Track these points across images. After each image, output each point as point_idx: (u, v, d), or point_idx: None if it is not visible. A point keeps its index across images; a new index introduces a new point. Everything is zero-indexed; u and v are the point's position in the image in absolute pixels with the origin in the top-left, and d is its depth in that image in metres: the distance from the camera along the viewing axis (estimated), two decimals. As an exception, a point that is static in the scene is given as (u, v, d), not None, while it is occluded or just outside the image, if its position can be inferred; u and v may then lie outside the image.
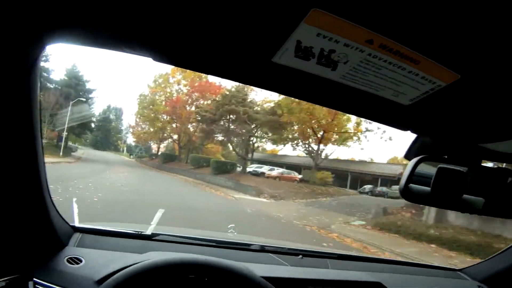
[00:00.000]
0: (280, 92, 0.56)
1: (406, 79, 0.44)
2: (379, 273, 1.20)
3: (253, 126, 18.66)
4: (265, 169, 18.46)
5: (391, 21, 0.35)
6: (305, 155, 18.93)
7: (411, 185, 0.68)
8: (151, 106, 26.31)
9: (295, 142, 18.40)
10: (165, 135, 29.22)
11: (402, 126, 0.65)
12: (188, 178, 16.97)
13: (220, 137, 21.20)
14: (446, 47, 0.39)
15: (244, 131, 18.80)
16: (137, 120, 29.92)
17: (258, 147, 22.18)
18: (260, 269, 0.89)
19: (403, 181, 0.68)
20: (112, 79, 60.08)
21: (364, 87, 0.47)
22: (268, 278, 0.82)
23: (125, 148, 47.33)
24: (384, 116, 0.62)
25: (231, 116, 18.94)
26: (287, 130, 17.87)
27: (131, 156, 38.43)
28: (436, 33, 0.37)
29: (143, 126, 29.67)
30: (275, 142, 20.44)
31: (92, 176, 10.48)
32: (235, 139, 20.27)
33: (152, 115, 26.84)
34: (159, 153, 30.29)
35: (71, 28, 0.45)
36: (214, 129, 20.16)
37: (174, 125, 26.33)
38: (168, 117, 26.21)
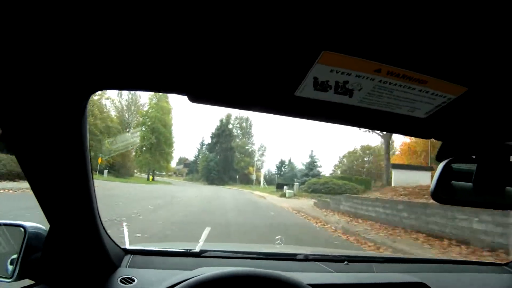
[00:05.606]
0: (306, 118, 0.63)
1: (418, 97, 0.48)
2: (424, 273, 1.19)
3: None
4: None
5: (394, 52, 0.41)
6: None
7: (453, 182, 0.68)
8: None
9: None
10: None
11: (423, 136, 0.68)
12: None
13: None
14: (448, 66, 0.43)
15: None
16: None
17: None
18: (305, 277, 0.91)
19: (433, 184, 0.68)
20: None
21: (381, 107, 0.51)
22: (313, 286, 0.84)
23: (261, 178, 29.24)
24: (404, 129, 0.66)
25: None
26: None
27: (286, 190, 18.70)
28: (437, 56, 0.41)
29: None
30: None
31: None
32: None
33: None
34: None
35: (116, 78, 0.53)
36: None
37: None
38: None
